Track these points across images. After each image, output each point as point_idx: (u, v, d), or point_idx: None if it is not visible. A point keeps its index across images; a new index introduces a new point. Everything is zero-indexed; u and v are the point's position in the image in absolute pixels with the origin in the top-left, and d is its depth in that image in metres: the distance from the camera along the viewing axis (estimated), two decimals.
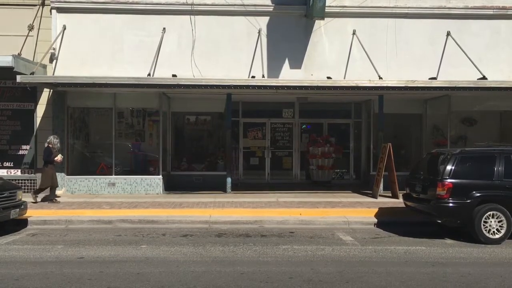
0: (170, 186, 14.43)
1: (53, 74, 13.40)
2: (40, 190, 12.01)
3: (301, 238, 8.79)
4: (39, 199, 11.91)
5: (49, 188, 11.98)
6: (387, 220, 10.10)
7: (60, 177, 13.57)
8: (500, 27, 14.22)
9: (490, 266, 6.92)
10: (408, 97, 14.55)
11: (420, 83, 12.59)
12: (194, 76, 13.45)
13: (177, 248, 7.94)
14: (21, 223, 9.75)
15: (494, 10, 14.10)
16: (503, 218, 8.39)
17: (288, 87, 12.87)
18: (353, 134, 16.71)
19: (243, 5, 13.78)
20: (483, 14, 14.11)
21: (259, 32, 13.76)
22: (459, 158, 8.74)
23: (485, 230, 8.37)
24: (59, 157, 12.03)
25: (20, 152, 13.70)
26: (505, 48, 14.22)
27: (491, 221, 8.39)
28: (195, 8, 13.73)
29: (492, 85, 12.75)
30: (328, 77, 13.42)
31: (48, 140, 12.06)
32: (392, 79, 12.97)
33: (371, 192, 13.56)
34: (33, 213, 10.23)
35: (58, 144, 12.15)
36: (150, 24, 13.69)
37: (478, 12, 14.10)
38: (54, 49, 13.44)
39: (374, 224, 10.01)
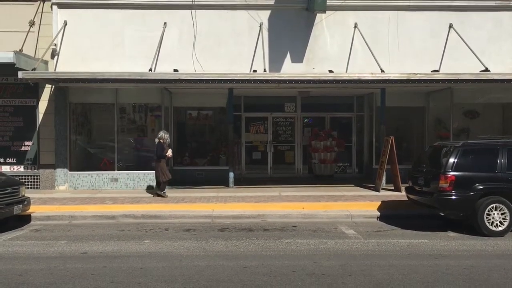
0: (173, 181, 14.40)
1: (55, 70, 13.41)
2: (164, 183, 12.23)
3: (304, 232, 8.80)
4: (166, 194, 12.23)
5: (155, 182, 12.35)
6: (390, 214, 10.11)
7: (63, 172, 13.65)
8: (503, 19, 14.14)
9: (493, 259, 6.92)
10: (410, 90, 14.50)
11: (422, 76, 12.55)
12: (195, 71, 13.45)
13: (180, 242, 7.97)
14: (25, 219, 9.81)
15: (497, 2, 14.04)
16: (506, 210, 8.37)
17: (290, 81, 12.83)
18: (355, 127, 16.69)
19: None
20: (485, 6, 14.04)
21: (260, 26, 13.72)
22: (462, 150, 8.71)
23: (488, 222, 8.36)
24: (169, 152, 12.28)
25: (23, 148, 13.73)
26: (507, 40, 14.16)
27: (494, 214, 8.38)
28: (196, 3, 13.69)
29: (495, 77, 12.68)
30: (330, 71, 13.40)
31: (159, 136, 12.21)
32: (394, 72, 12.91)
33: (373, 185, 13.57)
34: (37, 209, 10.27)
35: (169, 139, 12.43)
36: (151, 19, 13.67)
37: (480, 4, 14.04)
38: (55, 45, 13.44)
39: (377, 217, 10.03)
